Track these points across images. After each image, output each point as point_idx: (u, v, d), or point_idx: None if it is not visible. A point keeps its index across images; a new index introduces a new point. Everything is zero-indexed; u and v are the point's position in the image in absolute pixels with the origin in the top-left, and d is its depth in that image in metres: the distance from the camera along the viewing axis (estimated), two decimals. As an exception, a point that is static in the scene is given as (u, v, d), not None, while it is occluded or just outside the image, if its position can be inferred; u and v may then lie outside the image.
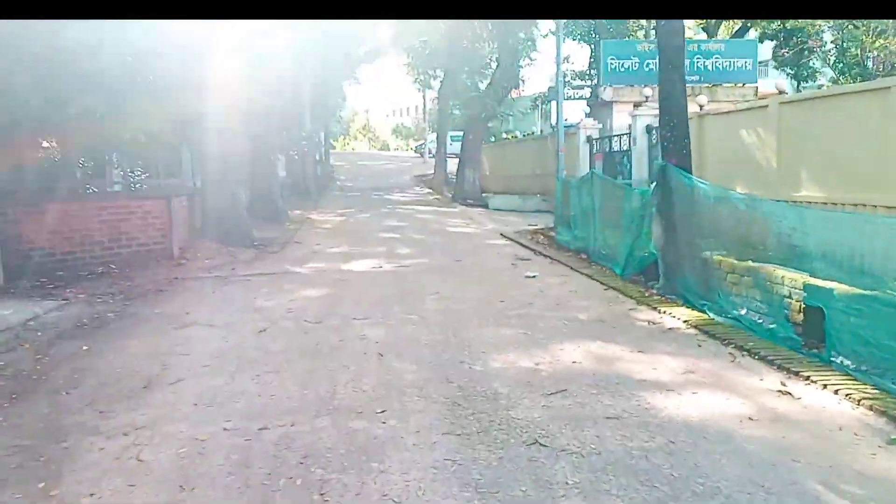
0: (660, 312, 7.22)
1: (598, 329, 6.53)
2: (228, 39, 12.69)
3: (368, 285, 9.08)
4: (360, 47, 42.71)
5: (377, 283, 9.20)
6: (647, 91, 19.77)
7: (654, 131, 18.66)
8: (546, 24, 35.45)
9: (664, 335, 6.39)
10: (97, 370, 5.43)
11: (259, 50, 17.11)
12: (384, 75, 56.76)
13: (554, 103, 31.32)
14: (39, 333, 6.68)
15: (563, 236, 13.68)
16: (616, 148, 21.55)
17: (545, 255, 11.85)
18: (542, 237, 14.57)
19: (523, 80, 26.95)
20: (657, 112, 19.15)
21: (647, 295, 8.08)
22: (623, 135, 20.65)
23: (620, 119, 24.69)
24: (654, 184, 8.32)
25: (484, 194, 26.50)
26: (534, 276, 9.57)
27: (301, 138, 26.66)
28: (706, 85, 26.66)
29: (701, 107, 18.01)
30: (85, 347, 6.17)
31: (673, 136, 8.08)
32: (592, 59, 36.84)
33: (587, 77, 35.12)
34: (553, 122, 28.90)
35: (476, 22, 30.20)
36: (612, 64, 24.90)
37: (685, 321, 6.81)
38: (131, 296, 8.71)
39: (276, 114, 19.05)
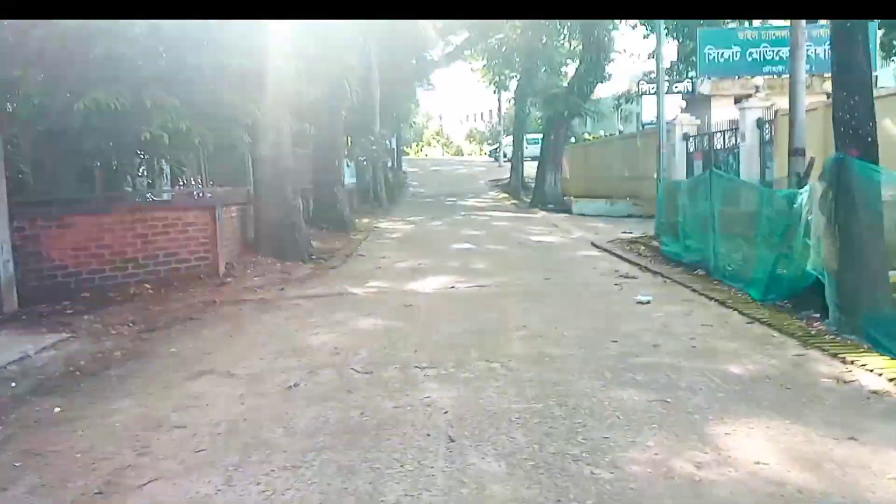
0: (845, 363, 5.07)
1: (769, 394, 4.46)
2: (288, 32, 11.22)
3: (438, 314, 7.25)
4: (433, 51, 41.44)
5: (449, 312, 7.36)
6: (757, 81, 17.30)
7: (766, 126, 16.18)
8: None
9: (872, 405, 4.27)
10: (51, 455, 3.82)
11: (323, 46, 15.70)
12: (458, 80, 55.29)
13: (646, 100, 28.95)
14: (13, 384, 5.16)
15: (669, 247, 11.50)
16: (718, 145, 19.10)
17: (653, 272, 9.74)
18: (642, 248, 12.42)
19: (610, 75, 24.76)
20: (769, 104, 16.82)
21: (812, 333, 5.91)
22: (728, 130, 18.17)
23: (720, 114, 22.11)
24: (821, 185, 6.15)
25: (566, 198, 24.39)
26: (647, 301, 7.52)
27: (370, 143, 25.25)
28: (818, 75, 23.76)
29: (828, 95, 15.43)
30: (58, 410, 4.59)
31: (854, 119, 5.89)
32: (681, 54, 34.11)
33: (676, 72, 32.41)
34: (643, 121, 26.52)
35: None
36: (709, 54, 22.28)
37: (892, 379, 4.67)
38: (154, 325, 7.19)
39: (341, 117, 17.59)
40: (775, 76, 23.57)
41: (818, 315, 6.53)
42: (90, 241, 9.04)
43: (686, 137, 20.49)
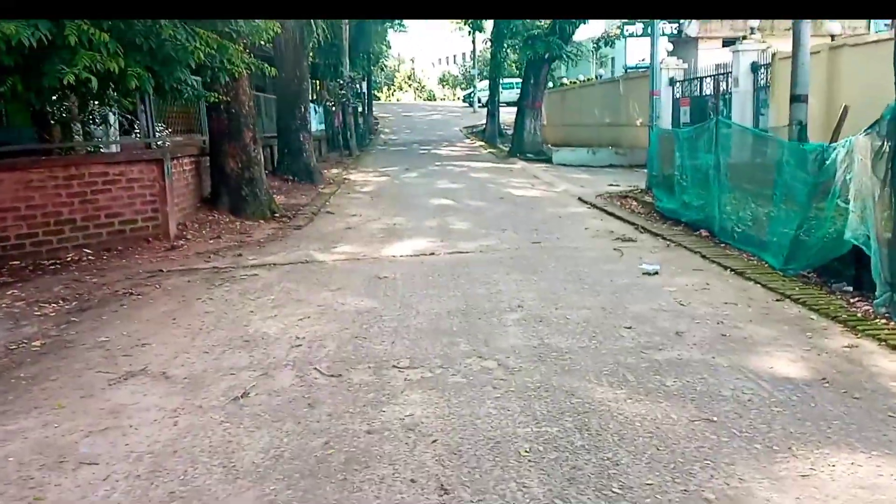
0: (909, 356, 4.25)
1: (834, 406, 3.59)
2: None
3: (417, 289, 6.27)
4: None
5: (429, 286, 6.39)
6: (753, 22, 16.22)
7: (761, 70, 15.23)
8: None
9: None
10: None
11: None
12: (431, 21, 53.12)
13: (628, 43, 27.66)
14: None
15: (665, 203, 10.61)
16: (707, 91, 18.15)
17: (652, 233, 8.84)
18: (634, 203, 11.52)
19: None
20: (764, 47, 15.80)
21: (858, 316, 5.06)
22: (719, 75, 17.19)
23: (708, 57, 21.09)
24: (868, 140, 5.21)
25: (545, 147, 23.35)
26: (655, 273, 6.62)
27: (339, 86, 23.78)
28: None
29: (833, 37, 14.45)
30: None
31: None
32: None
33: (656, 13, 31.11)
34: (625, 64, 25.34)
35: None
36: (698, -8, 21.15)
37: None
38: (87, 303, 6.14)
39: (307, 56, 16.18)
40: (767, 19, 22.58)
41: (853, 290, 5.71)
42: (17, 202, 7.86)
43: (672, 82, 19.48)
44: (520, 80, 47.73)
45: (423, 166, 20.05)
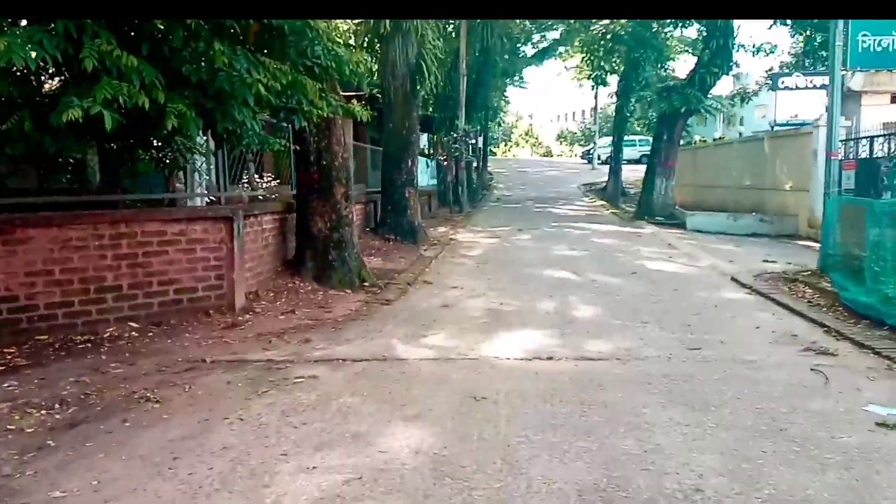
0: None
1: None
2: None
3: (529, 431, 4.24)
4: (526, 46, 38.37)
5: (548, 425, 4.32)
6: None
7: (965, 127, 12.34)
8: None
9: None
10: None
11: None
12: (550, 78, 51.96)
13: (774, 97, 24.78)
14: None
15: (853, 294, 8.06)
16: (881, 153, 15.24)
17: (855, 342, 6.38)
18: (808, 290, 8.99)
19: (737, 63, 21.00)
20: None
21: None
22: (893, 134, 14.33)
23: (872, 115, 18.16)
24: None
25: (676, 209, 20.83)
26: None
27: (453, 140, 22.48)
28: None
29: None
30: None
31: None
32: (807, 47, 29.60)
33: (802, 67, 28.01)
34: (774, 119, 22.52)
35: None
36: (863, 42, 18.21)
37: None
38: (87, 412, 4.62)
39: (417, 106, 14.86)
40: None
41: None
42: (51, 264, 6.60)
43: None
44: (641, 138, 45.83)
45: (537, 227, 18.14)
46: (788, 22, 29.09)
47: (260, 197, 9.54)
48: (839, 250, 9.56)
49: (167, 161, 7.69)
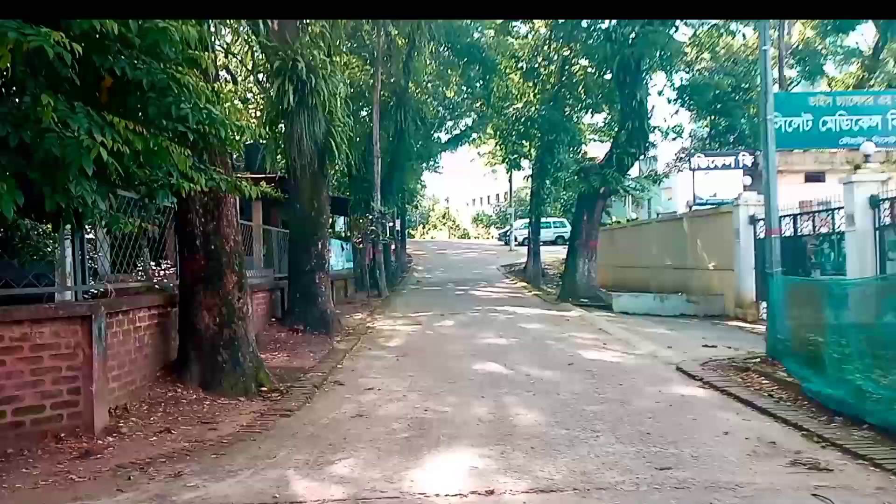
0: None
1: None
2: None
3: None
4: (440, 132, 38.53)
5: None
6: (868, 147, 13.48)
7: (884, 205, 12.29)
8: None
9: None
10: None
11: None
12: (465, 162, 52.48)
13: (682, 179, 25.19)
14: None
15: (815, 384, 7.24)
16: (803, 231, 15.20)
17: (844, 449, 5.43)
18: (762, 380, 8.16)
19: (654, 144, 21.19)
20: (885, 177, 12.88)
21: None
22: (822, 211, 14.28)
23: (788, 193, 18.39)
24: None
25: (601, 291, 20.26)
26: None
27: (369, 222, 21.42)
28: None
29: None
30: None
31: None
32: (712, 131, 30.79)
33: (709, 148, 28.96)
34: (689, 200, 22.67)
35: (582, 88, 25.00)
36: (775, 122, 18.71)
37: None
38: None
39: (328, 186, 13.75)
40: (853, 149, 19.98)
41: None
42: None
43: (754, 220, 16.57)
44: (555, 220, 46.30)
45: (461, 311, 17.05)
46: (694, 107, 30.30)
47: (136, 288, 8.00)
48: (789, 334, 8.84)
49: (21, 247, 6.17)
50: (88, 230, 6.47)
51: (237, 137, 5.79)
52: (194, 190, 5.51)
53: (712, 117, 29.93)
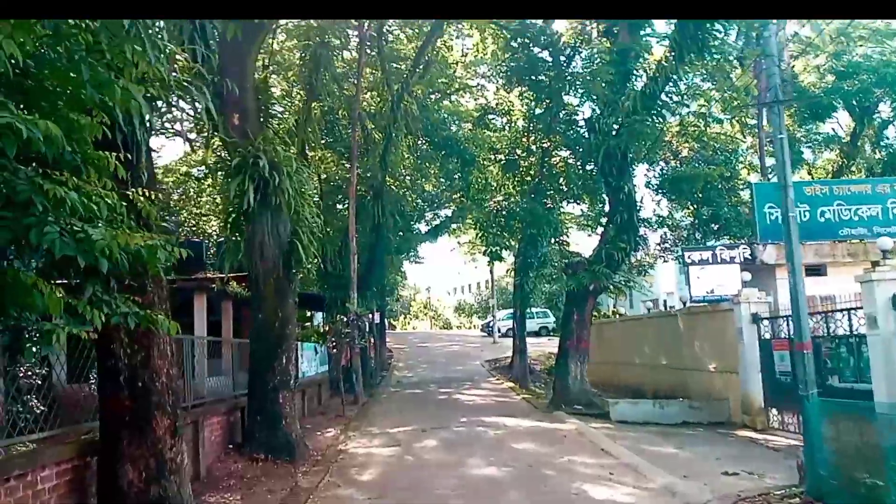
0: None
1: None
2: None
3: None
4: (420, 224, 37.81)
5: None
6: (885, 242, 12.48)
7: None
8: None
9: None
10: None
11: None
12: (447, 252, 51.69)
13: (660, 266, 24.14)
14: None
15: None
16: (816, 332, 13.97)
17: None
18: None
19: (645, 239, 20.24)
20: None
21: None
22: (837, 311, 13.14)
23: (787, 288, 17.37)
24: None
25: (595, 396, 18.73)
26: None
27: (343, 324, 19.97)
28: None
29: None
30: None
31: None
32: (696, 220, 30.19)
33: (693, 242, 28.24)
34: (686, 297, 21.54)
35: (564, 179, 24.35)
36: (770, 214, 17.84)
37: None
38: None
39: (293, 290, 12.40)
40: (856, 241, 19.15)
41: None
42: None
43: (757, 318, 15.42)
44: (538, 310, 45.00)
45: (444, 424, 15.42)
46: (675, 197, 29.79)
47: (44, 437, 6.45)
48: (833, 471, 7.43)
49: None
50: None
51: (147, 260, 4.49)
52: (86, 331, 4.16)
53: (695, 206, 29.40)
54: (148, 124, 6.86)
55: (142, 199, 5.01)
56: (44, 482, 6.04)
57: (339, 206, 28.37)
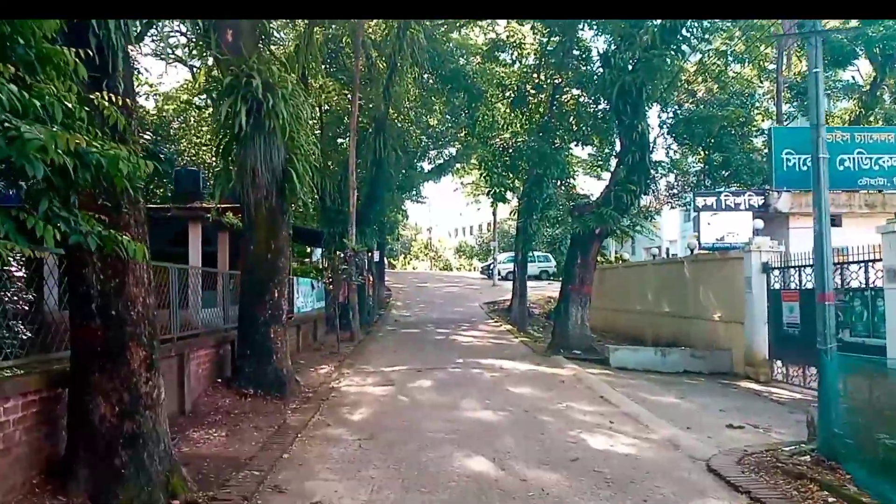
0: None
1: None
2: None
3: None
4: (423, 162, 36.91)
5: None
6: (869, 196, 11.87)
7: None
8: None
9: None
10: None
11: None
12: (449, 192, 50.95)
13: (670, 217, 23.57)
14: None
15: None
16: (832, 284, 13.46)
17: None
18: (828, 496, 6.33)
19: (656, 181, 19.53)
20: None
21: None
22: (853, 263, 12.62)
23: (801, 237, 16.79)
24: None
25: (595, 342, 18.43)
26: None
27: (341, 260, 19.50)
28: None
29: None
30: None
31: None
32: (706, 166, 29.35)
33: (703, 187, 27.48)
34: (692, 243, 21.00)
35: (574, 118, 23.44)
36: (788, 161, 17.15)
37: None
38: None
39: (286, 222, 11.85)
40: (874, 191, 18.49)
41: None
42: None
43: (767, 269, 14.92)
44: (539, 253, 44.50)
45: (440, 365, 15.12)
46: (688, 141, 28.90)
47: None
48: (851, 431, 7.02)
49: None
50: None
51: (109, 172, 3.91)
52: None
53: (707, 152, 28.56)
54: (124, 28, 6.18)
55: (106, 103, 4.39)
56: (7, 413, 5.62)
57: (341, 141, 27.54)
